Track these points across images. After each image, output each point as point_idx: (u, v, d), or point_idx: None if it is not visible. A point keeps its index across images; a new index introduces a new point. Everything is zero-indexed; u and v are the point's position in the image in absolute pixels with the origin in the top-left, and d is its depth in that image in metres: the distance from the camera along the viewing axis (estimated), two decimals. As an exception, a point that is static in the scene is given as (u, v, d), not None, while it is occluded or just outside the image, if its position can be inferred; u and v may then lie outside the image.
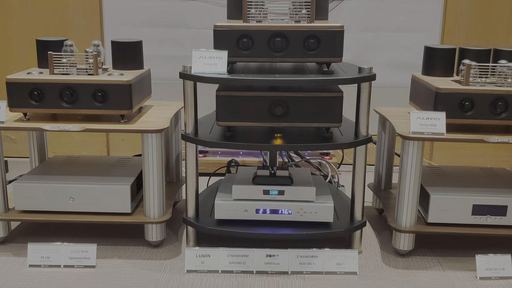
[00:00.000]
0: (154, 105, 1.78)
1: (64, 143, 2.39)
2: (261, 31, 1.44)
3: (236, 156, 2.23)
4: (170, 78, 2.18)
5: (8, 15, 2.30)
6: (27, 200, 1.55)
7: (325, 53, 1.45)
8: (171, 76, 2.16)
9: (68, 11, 2.29)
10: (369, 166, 1.60)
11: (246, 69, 1.55)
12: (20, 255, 1.54)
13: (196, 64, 1.45)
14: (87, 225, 1.70)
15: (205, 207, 1.64)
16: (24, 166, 2.25)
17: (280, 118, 1.47)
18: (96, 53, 1.54)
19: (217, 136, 1.51)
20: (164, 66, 2.27)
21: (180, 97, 1.52)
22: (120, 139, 2.42)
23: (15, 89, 1.49)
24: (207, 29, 2.25)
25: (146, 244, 1.61)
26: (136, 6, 2.27)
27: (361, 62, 1.96)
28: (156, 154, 1.51)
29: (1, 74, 2.29)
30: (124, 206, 1.56)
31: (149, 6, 2.26)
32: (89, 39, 2.27)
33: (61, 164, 1.73)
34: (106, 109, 1.51)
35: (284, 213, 1.51)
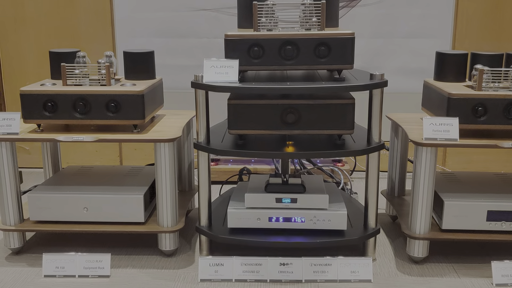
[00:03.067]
0: (166, 115, 1.79)
1: (77, 153, 2.41)
2: (271, 39, 1.44)
3: (248, 164, 2.24)
4: (181, 87, 2.20)
5: (21, 28, 2.33)
6: (41, 211, 1.56)
7: (336, 60, 1.45)
8: (183, 86, 2.18)
9: (80, 22, 2.32)
10: (382, 173, 1.60)
11: (257, 77, 1.56)
12: (35, 266, 1.55)
13: (207, 73, 1.46)
14: (101, 235, 1.71)
15: (218, 215, 1.64)
16: (38, 176, 2.27)
17: (292, 126, 1.47)
18: (109, 63, 1.56)
19: (229, 144, 1.51)
20: (175, 76, 2.28)
21: (192, 106, 1.53)
22: (133, 149, 2.43)
23: (29, 101, 1.50)
24: (218, 38, 2.27)
25: (159, 253, 1.61)
26: (147, 17, 2.29)
27: (372, 69, 1.97)
28: (169, 163, 1.52)
29: (15, 86, 2.32)
30: (137, 216, 1.56)
31: (160, 17, 2.28)
32: (101, 50, 2.29)
33: (75, 174, 1.74)
34: (119, 119, 1.52)
35: (297, 221, 1.51)
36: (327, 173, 2.10)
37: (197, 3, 2.26)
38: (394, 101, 2.10)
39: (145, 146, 2.36)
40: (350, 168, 2.20)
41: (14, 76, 2.35)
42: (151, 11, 2.28)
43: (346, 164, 2.23)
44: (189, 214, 1.91)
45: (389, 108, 1.82)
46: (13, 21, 2.32)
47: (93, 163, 2.40)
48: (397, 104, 2.13)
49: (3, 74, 2.18)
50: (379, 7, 2.24)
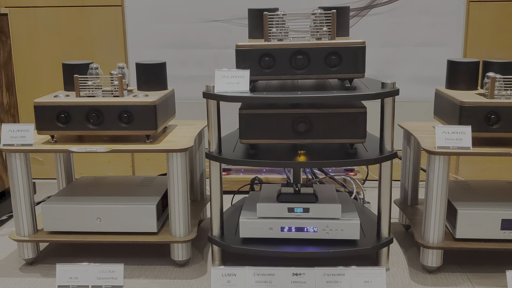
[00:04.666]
0: (178, 125, 1.80)
1: (90, 164, 2.43)
2: (282, 49, 1.45)
3: (259, 173, 2.24)
4: (193, 97, 2.21)
5: (35, 41, 2.36)
6: (55, 221, 1.57)
7: (347, 69, 1.46)
8: (194, 96, 2.19)
9: (93, 34, 2.34)
10: (394, 182, 1.59)
11: (268, 87, 1.56)
12: (49, 276, 1.56)
13: (219, 83, 1.46)
14: (114, 245, 1.71)
15: (230, 225, 1.64)
16: (51, 187, 2.29)
17: (303, 135, 1.47)
18: (121, 75, 1.57)
19: (240, 154, 1.51)
20: (187, 86, 2.30)
21: (203, 116, 1.53)
22: (145, 159, 2.44)
23: (42, 112, 1.52)
24: (229, 49, 2.28)
25: (172, 263, 1.61)
26: (158, 28, 2.31)
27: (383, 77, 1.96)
28: (181, 173, 1.52)
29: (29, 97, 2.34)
30: (150, 226, 1.57)
31: (171, 28, 2.30)
32: (113, 61, 2.32)
33: (88, 185, 1.76)
34: (131, 129, 1.53)
35: (309, 231, 1.51)
36: (339, 183, 2.09)
37: (208, 14, 2.28)
38: (405, 110, 2.09)
39: (157, 156, 2.38)
40: (362, 178, 2.19)
41: (27, 88, 2.37)
42: (162, 22, 2.30)
43: (358, 173, 2.22)
44: (201, 224, 1.91)
45: (401, 116, 1.82)
46: (27, 33, 2.35)
47: (106, 174, 2.42)
48: (409, 112, 2.12)
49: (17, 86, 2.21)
50: (390, 15, 2.25)
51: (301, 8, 2.18)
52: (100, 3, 2.31)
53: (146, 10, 2.30)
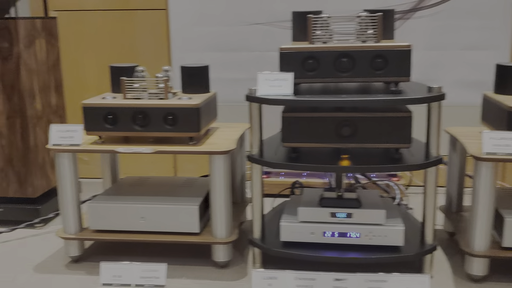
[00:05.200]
0: (220, 127, 1.81)
1: (134, 164, 2.47)
2: (327, 52, 1.44)
3: (299, 177, 2.23)
4: (234, 100, 2.22)
5: (82, 43, 2.42)
6: (100, 220, 1.61)
7: (392, 72, 1.44)
8: (235, 98, 2.20)
9: (138, 37, 2.39)
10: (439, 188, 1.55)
11: (311, 90, 1.56)
12: (93, 274, 1.59)
13: (261, 86, 1.47)
14: (157, 244, 1.74)
15: (270, 228, 1.64)
16: (96, 186, 2.34)
17: (347, 139, 1.45)
18: (166, 78, 1.59)
19: (282, 157, 1.51)
20: (228, 89, 2.31)
21: (244, 118, 1.54)
22: (187, 160, 2.47)
23: (91, 114, 1.56)
24: (270, 52, 2.28)
25: (213, 264, 1.62)
26: (201, 32, 2.33)
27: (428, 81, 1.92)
28: (223, 175, 1.53)
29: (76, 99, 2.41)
30: (192, 226, 1.58)
31: (213, 31, 2.32)
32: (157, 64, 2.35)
33: (133, 184, 1.79)
34: (175, 131, 1.55)
35: (352, 237, 1.49)
36: (382, 188, 2.06)
37: (250, 17, 2.29)
38: (451, 114, 2.05)
39: (199, 157, 2.39)
40: (405, 183, 2.16)
41: (74, 89, 2.43)
42: (205, 26, 2.33)
43: (401, 178, 2.18)
44: (241, 226, 1.92)
45: (446, 121, 1.78)
46: (74, 37, 2.42)
47: (149, 174, 2.45)
48: (454, 117, 2.07)
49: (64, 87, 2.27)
50: (435, 18, 2.20)
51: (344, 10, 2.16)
52: (145, 6, 2.36)
53: (189, 14, 2.33)
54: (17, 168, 1.90)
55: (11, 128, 1.87)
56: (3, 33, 1.82)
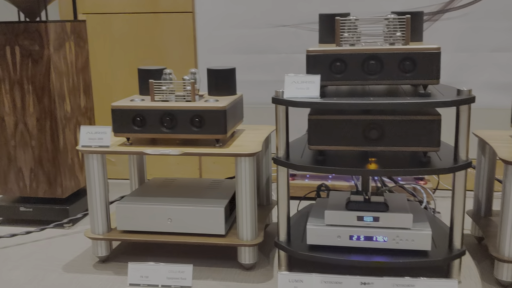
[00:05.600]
0: (246, 129, 1.82)
1: (159, 165, 2.50)
2: (354, 54, 1.43)
3: (325, 179, 2.22)
4: (260, 102, 2.23)
5: (110, 46, 2.45)
6: (128, 221, 1.63)
7: (421, 75, 1.42)
8: (261, 100, 2.21)
9: (165, 40, 2.41)
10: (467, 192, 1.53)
11: (338, 92, 1.55)
12: (121, 274, 1.61)
13: (288, 88, 1.47)
14: (182, 245, 1.75)
15: (296, 231, 1.64)
16: (122, 187, 2.37)
17: (375, 142, 1.44)
18: (193, 80, 1.61)
19: (308, 160, 1.51)
20: (254, 91, 2.32)
21: (270, 120, 1.54)
22: (212, 162, 2.48)
23: (119, 116, 1.58)
24: (297, 54, 2.28)
25: (238, 266, 1.63)
26: (227, 34, 2.34)
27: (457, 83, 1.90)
28: (249, 177, 1.54)
29: (104, 100, 2.44)
30: (218, 228, 1.59)
31: (240, 34, 2.33)
32: (184, 66, 2.38)
33: (159, 186, 1.81)
34: (202, 133, 1.56)
35: (379, 240, 1.48)
36: (409, 191, 2.04)
37: (276, 19, 2.29)
38: (480, 117, 2.01)
39: (224, 159, 2.41)
40: (432, 187, 2.13)
41: (102, 91, 2.47)
42: (231, 28, 2.34)
43: (428, 182, 2.16)
44: (266, 229, 1.92)
45: (475, 124, 1.75)
46: (103, 39, 2.45)
47: (174, 175, 2.47)
48: (483, 120, 2.04)
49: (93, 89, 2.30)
50: (464, 20, 2.17)
51: (371, 12, 2.15)
52: (172, 9, 2.38)
53: (215, 16, 2.34)
54: (47, 168, 1.93)
55: (41, 130, 1.91)
56: (34, 36, 1.85)
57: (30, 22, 1.86)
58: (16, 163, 1.95)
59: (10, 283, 1.57)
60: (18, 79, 1.89)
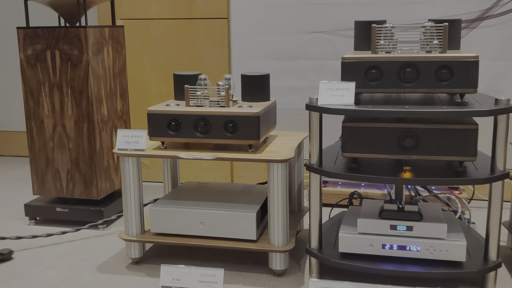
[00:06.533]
0: (279, 135, 1.82)
1: (192, 169, 2.52)
2: (391, 62, 1.42)
3: (357, 187, 2.20)
4: (293, 108, 2.23)
5: (146, 51, 2.50)
6: (161, 223, 1.65)
7: (458, 84, 1.40)
8: (294, 107, 2.21)
9: (199, 46, 2.44)
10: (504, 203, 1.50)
11: (373, 100, 1.54)
12: (153, 276, 1.63)
13: (323, 95, 1.46)
14: (214, 249, 1.76)
15: (328, 239, 1.63)
16: (155, 190, 2.41)
17: (409, 151, 1.43)
18: (228, 86, 1.62)
19: (341, 167, 1.50)
20: (287, 97, 2.32)
21: (302, 126, 1.54)
22: (243, 167, 2.49)
23: (155, 120, 1.60)
24: (331, 60, 2.28)
25: (269, 272, 1.63)
26: (261, 40, 2.35)
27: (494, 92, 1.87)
28: (281, 183, 1.54)
29: (139, 104, 2.49)
30: (250, 233, 1.60)
31: (274, 40, 2.34)
32: (218, 71, 2.40)
33: (192, 190, 1.82)
34: (235, 139, 1.58)
35: (412, 250, 1.46)
36: (443, 201, 2.01)
37: (310, 26, 2.29)
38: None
39: (255, 164, 2.42)
40: (467, 196, 2.09)
41: (137, 95, 2.51)
42: (265, 34, 2.35)
43: (463, 191, 2.12)
44: (297, 235, 1.91)
45: None
46: (139, 45, 2.50)
47: (206, 179, 2.50)
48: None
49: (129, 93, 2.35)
50: (503, 27, 2.13)
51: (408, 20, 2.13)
52: (207, 15, 2.41)
53: (250, 23, 2.35)
54: (83, 170, 1.98)
55: (78, 132, 1.95)
56: (74, 41, 1.90)
57: (70, 27, 1.91)
58: (53, 164, 2.00)
59: (46, 281, 1.61)
60: (58, 83, 1.94)
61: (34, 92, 1.97)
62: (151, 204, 1.69)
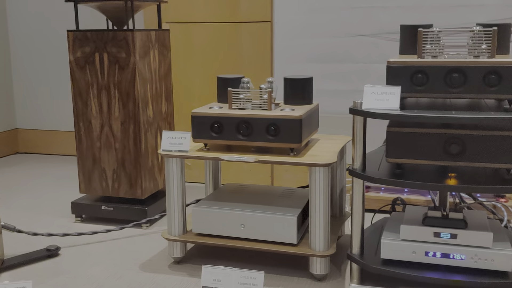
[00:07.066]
0: (321, 139, 1.82)
1: (233, 171, 2.54)
2: (437, 66, 1.40)
3: (400, 193, 2.17)
4: (335, 111, 2.22)
5: (190, 54, 2.54)
6: (203, 224, 1.67)
7: (507, 89, 1.37)
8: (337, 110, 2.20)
9: (242, 49, 2.46)
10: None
11: (418, 105, 1.52)
12: (194, 276, 1.66)
13: (367, 99, 1.45)
14: (254, 252, 1.77)
15: (370, 244, 1.62)
16: (196, 190, 2.44)
17: (455, 157, 1.40)
18: (271, 89, 1.63)
19: (385, 172, 1.49)
20: (330, 100, 2.31)
21: (345, 130, 1.53)
22: (284, 170, 2.50)
23: (199, 122, 1.63)
24: (375, 64, 2.25)
25: (309, 276, 1.62)
26: (304, 43, 2.36)
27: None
28: (323, 187, 1.54)
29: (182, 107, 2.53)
30: (290, 237, 1.60)
31: (317, 43, 2.34)
32: (259, 74, 2.41)
33: (233, 191, 1.84)
34: (277, 142, 1.58)
35: (456, 258, 1.43)
36: (489, 209, 1.96)
37: (354, 29, 2.28)
38: None
39: (296, 168, 2.41)
40: (514, 205, 2.03)
41: (181, 97, 2.56)
42: (308, 38, 2.35)
43: (510, 200, 2.06)
44: (338, 240, 1.90)
45: None
46: (184, 49, 2.54)
47: (246, 181, 2.51)
48: None
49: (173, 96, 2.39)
50: (556, 31, 2.06)
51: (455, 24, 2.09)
52: (251, 19, 2.42)
53: (293, 26, 2.36)
54: (129, 170, 2.03)
55: (125, 133, 2.00)
56: (122, 44, 1.95)
57: (118, 30, 1.96)
58: (100, 164, 2.06)
59: (91, 278, 1.66)
60: (105, 85, 1.99)
61: (83, 93, 2.03)
62: (194, 205, 1.71)
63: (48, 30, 3.16)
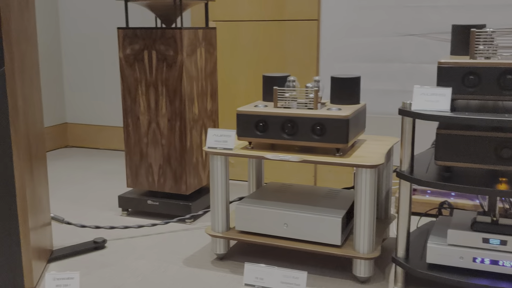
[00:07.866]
0: (367, 140, 1.79)
1: (276, 170, 2.54)
2: (490, 68, 1.36)
3: (447, 196, 2.12)
4: (383, 112, 2.19)
5: (235, 52, 2.55)
6: (246, 222, 1.68)
7: None
8: (384, 110, 2.17)
9: (288, 47, 2.45)
10: None
11: (469, 107, 1.48)
12: (236, 273, 1.67)
13: (417, 100, 1.42)
14: (296, 251, 1.77)
15: (415, 248, 1.59)
16: (239, 188, 2.45)
17: (506, 161, 1.36)
18: (317, 88, 1.62)
19: (434, 175, 1.45)
20: (377, 100, 2.28)
21: (392, 131, 1.50)
22: (327, 170, 2.48)
23: (244, 120, 1.64)
24: (423, 64, 2.21)
25: (353, 278, 1.61)
26: (351, 42, 2.33)
27: None
28: (369, 189, 1.51)
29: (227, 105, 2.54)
30: (334, 238, 1.59)
31: (364, 42, 2.31)
32: (305, 73, 2.40)
33: (276, 190, 1.84)
34: (323, 142, 1.57)
35: (506, 266, 1.38)
36: (541, 216, 1.89)
37: (404, 28, 2.24)
38: None
39: (339, 168, 2.39)
40: None
41: (226, 95, 2.57)
42: (356, 36, 2.32)
43: None
44: (383, 243, 1.87)
45: None
46: (230, 47, 2.55)
47: (289, 180, 2.51)
48: None
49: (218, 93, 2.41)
50: None
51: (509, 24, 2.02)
52: (298, 17, 2.41)
53: (340, 25, 2.33)
54: (174, 166, 2.06)
55: (171, 129, 2.03)
56: (170, 41, 1.98)
57: (166, 28, 1.99)
58: (147, 159, 2.09)
59: (136, 271, 1.69)
60: (153, 82, 2.03)
61: (132, 90, 2.07)
62: (237, 202, 1.72)
63: (98, 28, 3.24)
